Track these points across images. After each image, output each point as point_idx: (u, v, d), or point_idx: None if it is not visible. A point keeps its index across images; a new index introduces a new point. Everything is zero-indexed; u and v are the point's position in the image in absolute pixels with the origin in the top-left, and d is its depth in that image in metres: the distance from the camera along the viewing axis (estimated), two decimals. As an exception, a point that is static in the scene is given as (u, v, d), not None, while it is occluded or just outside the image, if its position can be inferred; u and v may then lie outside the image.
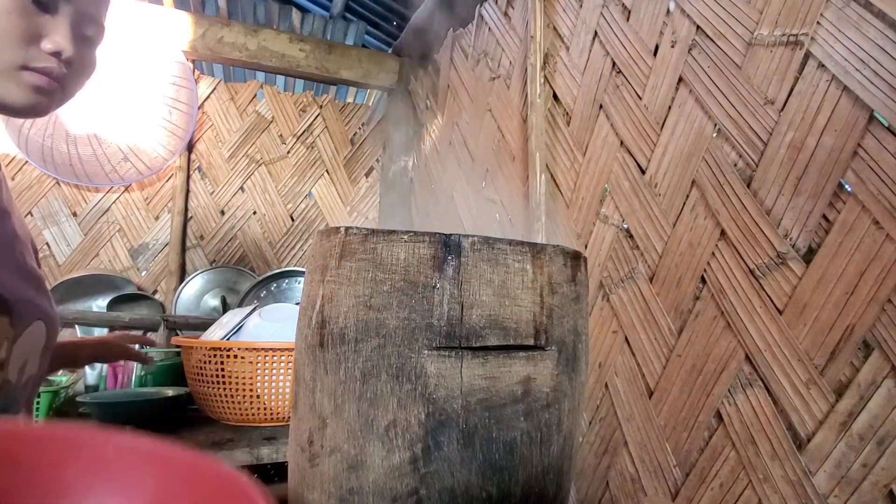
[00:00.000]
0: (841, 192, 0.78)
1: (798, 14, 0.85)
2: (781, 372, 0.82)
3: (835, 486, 0.75)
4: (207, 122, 2.13)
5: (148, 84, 1.91)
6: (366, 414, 0.38)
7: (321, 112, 2.29)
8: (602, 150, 1.22)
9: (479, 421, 0.38)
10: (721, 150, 0.95)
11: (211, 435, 1.20)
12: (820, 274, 0.79)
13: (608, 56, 1.22)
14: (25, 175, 1.87)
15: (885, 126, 0.74)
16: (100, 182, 1.92)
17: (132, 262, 2.00)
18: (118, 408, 1.25)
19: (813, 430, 0.78)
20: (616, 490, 1.10)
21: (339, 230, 0.41)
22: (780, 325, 0.83)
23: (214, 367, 1.23)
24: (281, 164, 2.23)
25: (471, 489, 0.38)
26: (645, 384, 1.05)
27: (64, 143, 1.86)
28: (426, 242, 0.39)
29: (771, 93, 0.88)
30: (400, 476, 0.37)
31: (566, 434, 0.43)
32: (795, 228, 0.83)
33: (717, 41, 0.97)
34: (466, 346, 0.38)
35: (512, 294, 0.39)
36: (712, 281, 0.94)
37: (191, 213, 2.09)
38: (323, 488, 0.39)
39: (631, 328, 1.09)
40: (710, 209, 0.95)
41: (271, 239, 2.19)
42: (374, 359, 0.38)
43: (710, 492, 0.90)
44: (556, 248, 0.42)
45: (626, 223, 1.14)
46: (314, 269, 0.43)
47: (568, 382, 0.42)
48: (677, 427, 0.98)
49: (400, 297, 0.38)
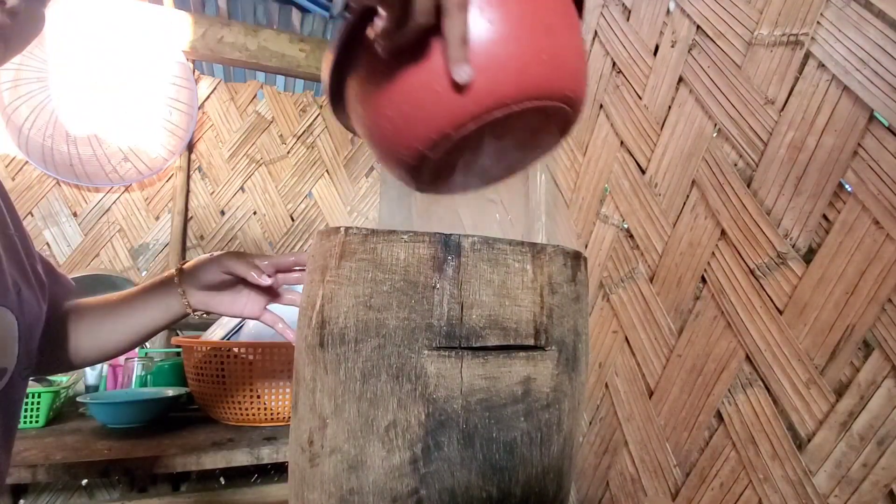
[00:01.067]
0: (841, 192, 0.78)
1: (798, 14, 0.85)
2: (781, 372, 0.82)
3: (835, 486, 0.75)
4: (207, 122, 2.13)
5: (148, 84, 1.91)
6: (366, 414, 0.38)
7: (321, 112, 2.29)
8: (602, 150, 1.22)
9: (479, 421, 0.38)
10: (721, 150, 0.95)
11: (211, 435, 1.20)
12: (820, 274, 0.79)
13: (608, 56, 1.22)
14: (25, 175, 1.87)
15: (886, 126, 0.74)
16: (100, 182, 1.92)
17: (132, 263, 2.00)
18: (118, 408, 1.25)
19: (813, 430, 0.78)
20: (616, 490, 1.10)
21: (339, 230, 0.41)
22: (781, 325, 0.83)
23: (214, 367, 1.23)
24: (281, 164, 2.23)
25: (471, 489, 0.38)
26: (645, 384, 1.05)
27: (64, 144, 1.86)
28: (426, 242, 0.39)
29: (771, 93, 0.88)
30: (400, 476, 0.37)
31: (566, 434, 0.43)
32: (795, 228, 0.83)
33: (717, 41, 0.97)
34: (466, 347, 0.38)
35: (512, 294, 0.39)
36: (712, 281, 0.94)
37: (191, 214, 2.09)
38: (323, 488, 0.39)
39: (631, 328, 1.09)
40: (711, 209, 0.95)
41: (271, 239, 2.19)
42: (374, 359, 0.38)
43: (711, 492, 0.90)
44: (556, 248, 0.42)
45: (626, 223, 1.14)
46: (314, 269, 0.43)
47: (568, 382, 0.42)
48: (677, 427, 0.98)
49: (400, 297, 0.38)
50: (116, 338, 0.74)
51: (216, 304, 0.74)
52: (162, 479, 1.59)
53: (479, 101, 0.37)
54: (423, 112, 0.39)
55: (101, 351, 0.75)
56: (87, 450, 1.07)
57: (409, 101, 0.39)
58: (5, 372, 0.58)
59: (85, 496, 1.72)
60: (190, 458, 1.06)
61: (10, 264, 0.59)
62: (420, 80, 0.38)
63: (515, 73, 0.37)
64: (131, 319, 0.73)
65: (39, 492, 1.67)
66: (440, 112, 0.38)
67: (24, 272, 0.63)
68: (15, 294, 0.58)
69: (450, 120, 0.38)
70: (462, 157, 0.43)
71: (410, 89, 0.39)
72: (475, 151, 0.43)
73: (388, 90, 0.40)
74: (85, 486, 1.72)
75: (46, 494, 1.68)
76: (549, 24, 0.38)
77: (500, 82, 0.37)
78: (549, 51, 0.38)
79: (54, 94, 1.81)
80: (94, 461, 1.00)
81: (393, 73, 0.39)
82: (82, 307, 0.75)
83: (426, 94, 0.38)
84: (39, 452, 1.04)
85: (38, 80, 1.79)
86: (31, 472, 0.96)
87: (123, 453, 1.04)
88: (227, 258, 0.72)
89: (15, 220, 0.65)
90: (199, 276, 0.72)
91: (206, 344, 1.28)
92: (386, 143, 0.42)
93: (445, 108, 0.38)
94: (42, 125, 1.81)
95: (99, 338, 0.73)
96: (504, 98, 0.38)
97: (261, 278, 0.70)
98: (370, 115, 0.42)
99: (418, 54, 0.38)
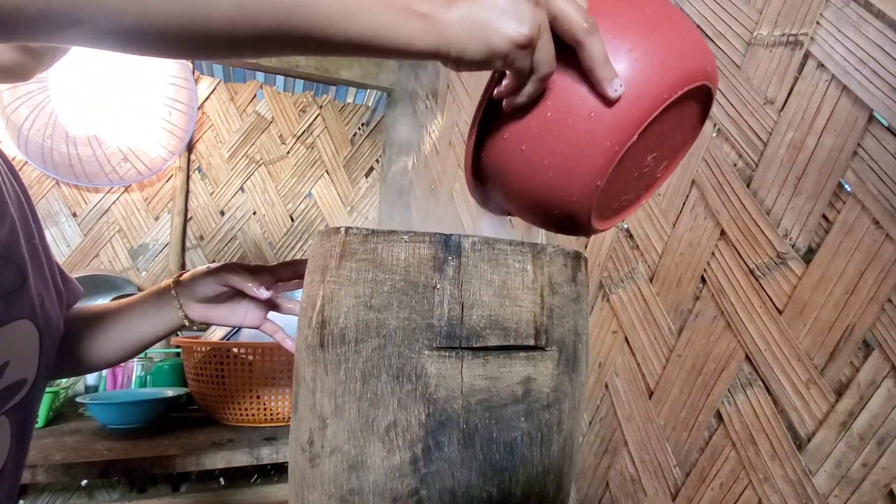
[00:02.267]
0: (841, 192, 0.78)
1: (798, 14, 0.85)
2: (781, 372, 0.82)
3: (835, 485, 0.75)
4: (207, 122, 2.13)
5: (147, 84, 1.91)
6: (366, 414, 0.38)
7: (321, 112, 2.29)
8: (602, 150, 1.21)
9: (479, 421, 0.38)
10: (721, 150, 0.95)
11: (211, 435, 1.20)
12: (820, 274, 0.79)
13: (608, 56, 1.22)
14: (25, 176, 1.87)
15: (885, 126, 0.74)
16: (100, 182, 1.92)
17: (132, 263, 2.00)
18: (118, 408, 1.25)
19: (813, 429, 0.78)
20: (616, 490, 1.10)
21: (339, 230, 0.41)
22: (780, 325, 0.83)
23: (214, 367, 1.23)
24: (281, 164, 2.23)
25: (471, 489, 0.38)
26: (645, 384, 1.05)
27: (64, 144, 1.86)
28: (426, 243, 0.39)
29: (770, 93, 0.88)
30: (400, 476, 0.37)
31: (566, 434, 0.43)
32: (795, 228, 0.83)
33: (716, 41, 0.98)
34: (467, 347, 0.38)
35: (512, 294, 0.39)
36: (712, 281, 0.94)
37: (191, 214, 2.09)
38: (323, 489, 0.39)
39: (631, 328, 1.09)
40: (710, 209, 0.95)
41: (271, 239, 2.19)
42: (375, 359, 0.38)
43: (711, 492, 0.90)
44: (557, 248, 0.42)
45: (626, 223, 1.14)
46: (314, 269, 0.43)
47: (568, 382, 0.42)
48: (677, 427, 0.98)
49: (400, 297, 0.38)
50: (113, 347, 0.73)
51: (214, 316, 0.73)
52: (162, 480, 1.59)
53: (638, 105, 0.38)
54: (587, 141, 0.39)
55: (97, 360, 0.73)
56: (86, 450, 1.07)
57: (567, 140, 0.40)
58: (25, 383, 0.57)
59: (84, 497, 1.72)
60: (190, 459, 1.06)
61: (35, 275, 0.59)
62: (570, 116, 0.39)
63: (659, 71, 0.39)
64: (128, 330, 0.72)
65: (39, 492, 1.67)
66: (603, 133, 0.39)
67: (46, 283, 0.62)
68: (38, 306, 0.58)
69: (616, 136, 0.39)
70: (636, 166, 0.44)
71: (563, 128, 0.40)
72: (644, 154, 0.44)
73: (539, 142, 0.40)
74: (84, 486, 1.72)
75: (46, 495, 1.68)
76: (658, 17, 0.41)
77: (649, 83, 0.39)
78: (674, 39, 0.40)
79: (54, 95, 1.81)
80: (93, 462, 1.00)
81: (538, 126, 0.40)
82: (80, 315, 0.74)
83: (583, 125, 0.39)
84: (39, 453, 1.03)
85: (37, 81, 1.79)
86: (30, 473, 0.96)
87: (123, 454, 1.04)
88: (225, 270, 0.70)
89: (39, 230, 0.64)
90: (196, 289, 0.71)
91: (205, 344, 1.28)
92: (553, 195, 0.42)
93: (607, 127, 0.39)
94: (41, 125, 1.81)
95: (95, 347, 0.72)
96: (658, 96, 0.39)
97: (259, 291, 0.69)
98: (526, 179, 0.43)
99: (552, 98, 0.40)
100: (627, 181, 0.46)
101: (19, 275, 0.55)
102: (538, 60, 0.37)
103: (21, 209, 0.61)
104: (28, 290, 0.56)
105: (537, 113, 0.40)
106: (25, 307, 0.56)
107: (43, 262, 0.63)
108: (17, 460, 0.59)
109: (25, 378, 0.57)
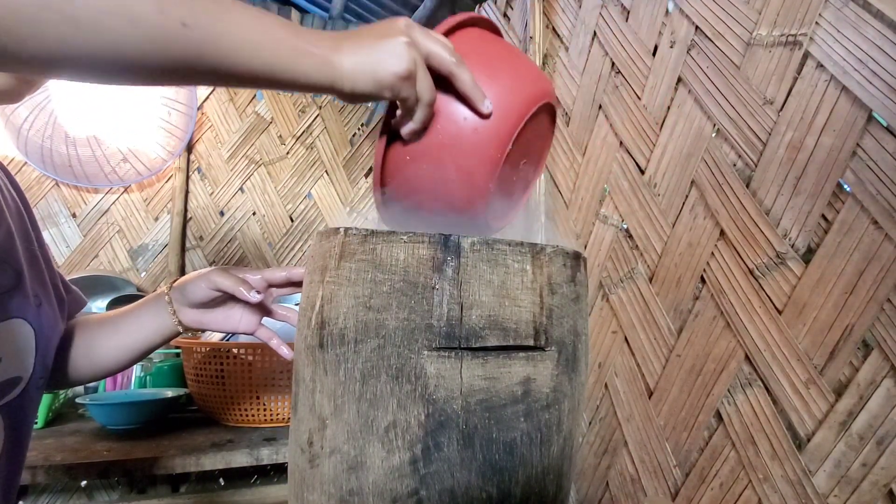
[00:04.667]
0: (840, 192, 0.78)
1: (797, 14, 0.85)
2: (781, 372, 0.82)
3: (834, 485, 0.75)
4: (207, 122, 2.13)
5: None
6: (365, 415, 0.38)
7: (320, 112, 2.29)
8: (601, 151, 1.22)
9: (479, 421, 0.38)
10: (720, 150, 0.95)
11: (211, 436, 1.20)
12: (819, 274, 0.79)
13: (607, 56, 1.22)
14: (25, 176, 1.87)
15: (884, 126, 0.74)
16: (99, 183, 1.92)
17: (132, 263, 2.00)
18: (118, 409, 1.25)
19: (813, 429, 0.78)
20: (616, 490, 1.10)
21: (339, 231, 0.41)
22: (780, 325, 0.83)
23: (214, 367, 1.23)
24: (280, 164, 2.22)
25: (471, 490, 0.38)
26: (645, 384, 1.05)
27: (63, 145, 1.86)
28: (426, 243, 0.39)
29: (770, 93, 0.88)
30: (400, 477, 0.37)
31: (566, 434, 0.43)
32: (794, 228, 0.83)
33: (715, 41, 0.98)
34: (466, 347, 0.38)
35: (512, 294, 0.39)
36: (712, 281, 0.94)
37: (190, 214, 2.09)
38: (323, 489, 0.39)
39: (631, 328, 1.09)
40: (710, 209, 0.95)
41: (271, 240, 2.19)
42: (374, 360, 0.38)
43: (711, 492, 0.90)
44: (556, 248, 0.42)
45: (626, 223, 1.14)
46: (313, 269, 0.43)
47: (568, 383, 0.42)
48: (677, 427, 0.98)
49: (399, 297, 0.38)
50: (110, 355, 0.73)
51: (208, 321, 0.73)
52: (161, 481, 1.59)
53: (508, 119, 0.48)
54: (476, 152, 0.48)
55: (94, 369, 0.73)
56: (86, 451, 1.07)
57: (461, 154, 0.48)
58: (20, 381, 0.58)
59: (84, 497, 1.72)
60: (189, 460, 1.06)
61: (32, 278, 0.60)
62: (459, 135, 0.48)
63: (519, 92, 0.50)
64: (124, 338, 0.72)
65: (39, 493, 1.67)
66: (487, 143, 0.48)
67: (46, 287, 0.64)
68: (35, 307, 0.59)
69: (497, 143, 0.48)
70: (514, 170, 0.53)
71: (456, 146, 0.48)
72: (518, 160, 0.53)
73: (439, 160, 0.49)
74: (84, 487, 1.72)
75: (46, 496, 1.68)
76: (505, 55, 0.53)
77: (511, 102, 0.49)
78: (522, 70, 0.52)
79: (53, 96, 1.81)
80: (93, 462, 1.00)
81: (435, 146, 0.48)
82: (78, 324, 0.75)
83: (469, 139, 0.48)
84: (39, 454, 1.03)
85: (36, 81, 1.79)
86: (30, 474, 0.96)
87: (123, 454, 1.04)
88: (215, 274, 0.70)
89: (38, 236, 0.65)
90: (187, 294, 0.70)
91: (205, 345, 1.28)
92: (457, 202, 0.51)
93: (490, 138, 0.48)
94: (41, 126, 1.81)
95: (92, 355, 0.73)
96: (520, 111, 0.49)
97: (249, 294, 0.68)
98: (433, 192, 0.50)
99: (441, 122, 0.48)
100: (509, 184, 0.54)
101: (14, 276, 0.57)
102: (420, 90, 0.44)
103: (20, 218, 0.62)
104: (23, 291, 0.57)
105: (432, 135, 0.48)
106: (20, 307, 0.57)
107: (42, 268, 0.64)
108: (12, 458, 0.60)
109: (20, 376, 0.58)
